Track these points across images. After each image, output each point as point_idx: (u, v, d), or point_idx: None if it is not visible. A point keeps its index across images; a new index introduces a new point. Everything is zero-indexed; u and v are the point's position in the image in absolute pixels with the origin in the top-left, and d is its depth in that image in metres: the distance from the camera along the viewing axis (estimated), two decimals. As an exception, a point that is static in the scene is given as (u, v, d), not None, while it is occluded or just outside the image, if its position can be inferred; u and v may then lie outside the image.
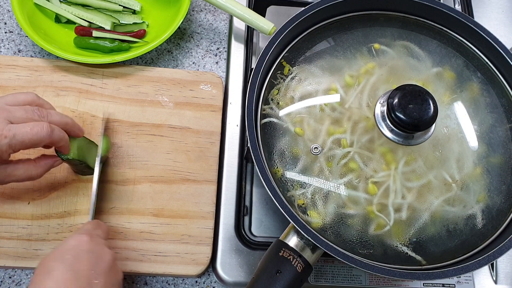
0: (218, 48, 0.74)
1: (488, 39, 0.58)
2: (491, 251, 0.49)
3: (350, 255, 0.48)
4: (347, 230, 0.51)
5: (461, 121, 0.55)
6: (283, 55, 0.59)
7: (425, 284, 0.61)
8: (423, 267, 0.51)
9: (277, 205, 0.49)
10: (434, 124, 0.51)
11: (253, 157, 0.51)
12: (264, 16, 0.69)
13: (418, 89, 0.50)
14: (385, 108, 0.51)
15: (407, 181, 0.52)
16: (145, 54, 0.70)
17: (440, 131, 0.53)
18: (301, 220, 0.49)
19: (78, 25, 0.71)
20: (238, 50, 0.72)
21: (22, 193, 0.61)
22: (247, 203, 0.64)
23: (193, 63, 0.73)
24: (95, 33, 0.69)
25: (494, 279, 0.62)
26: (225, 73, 0.72)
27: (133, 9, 0.73)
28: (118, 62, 0.68)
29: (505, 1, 0.81)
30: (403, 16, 0.61)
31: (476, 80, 0.58)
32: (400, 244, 0.51)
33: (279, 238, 0.50)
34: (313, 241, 0.48)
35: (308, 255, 0.49)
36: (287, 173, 0.53)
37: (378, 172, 0.52)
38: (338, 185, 0.52)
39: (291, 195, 0.52)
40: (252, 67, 0.66)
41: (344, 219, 0.52)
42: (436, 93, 0.53)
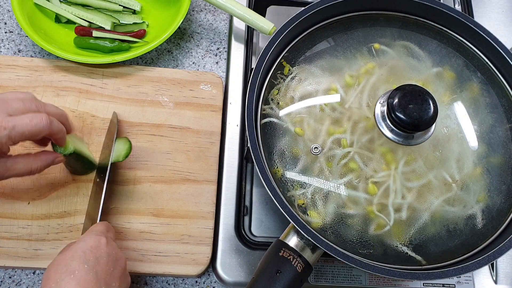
0: (218, 48, 0.74)
1: (488, 39, 0.58)
2: (491, 251, 0.49)
3: (350, 255, 0.48)
4: (347, 230, 0.51)
5: (461, 121, 0.55)
6: (283, 55, 0.59)
7: (425, 284, 0.61)
8: (423, 267, 0.51)
9: (277, 205, 0.49)
10: (434, 124, 0.51)
11: (253, 157, 0.51)
12: (264, 16, 0.69)
13: (418, 89, 0.50)
14: (385, 108, 0.51)
15: (407, 181, 0.52)
16: (145, 54, 0.70)
17: (440, 131, 0.53)
18: (301, 220, 0.49)
19: (78, 25, 0.71)
20: (238, 50, 0.72)
21: (22, 193, 0.61)
22: (247, 203, 0.64)
23: (193, 63, 0.73)
24: (95, 33, 0.69)
25: (494, 279, 0.62)
26: (225, 73, 0.72)
27: (133, 9, 0.73)
28: (118, 62, 0.68)
29: (505, 1, 0.81)
30: (403, 16, 0.61)
31: (476, 80, 0.58)
32: (400, 244, 0.51)
33: (279, 238, 0.50)
34: (313, 241, 0.48)
35: (308, 255, 0.49)
36: (287, 173, 0.53)
37: (378, 172, 0.52)
38: (338, 185, 0.52)
39: (291, 195, 0.52)
40: (252, 67, 0.66)
41: (344, 219, 0.52)
42: (436, 93, 0.53)
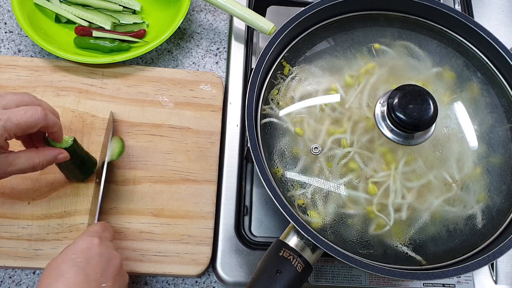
0: (218, 48, 0.74)
1: (488, 39, 0.58)
2: (491, 251, 0.49)
3: (350, 255, 0.48)
4: (347, 230, 0.51)
5: (461, 121, 0.55)
6: (283, 55, 0.59)
7: (425, 284, 0.61)
8: (423, 267, 0.51)
9: (277, 205, 0.49)
10: (434, 124, 0.51)
11: (253, 157, 0.51)
12: (264, 16, 0.69)
13: (418, 89, 0.50)
14: (385, 108, 0.51)
15: (407, 181, 0.52)
16: (145, 54, 0.70)
17: (440, 131, 0.53)
18: (301, 220, 0.49)
19: (78, 25, 0.71)
20: (238, 50, 0.72)
21: (22, 193, 0.61)
22: (247, 203, 0.64)
23: (193, 63, 0.73)
24: (95, 33, 0.69)
25: (494, 279, 0.62)
26: (225, 73, 0.72)
27: (133, 9, 0.73)
28: (118, 62, 0.68)
29: (505, 1, 0.81)
30: (403, 16, 0.61)
31: (476, 80, 0.58)
32: (400, 244, 0.51)
33: (279, 238, 0.50)
34: (313, 241, 0.48)
35: (308, 255, 0.49)
36: (287, 173, 0.53)
37: (378, 172, 0.52)
38: (338, 185, 0.52)
39: (291, 195, 0.52)
40: (252, 67, 0.66)
41: (344, 219, 0.52)
42: (436, 93, 0.53)
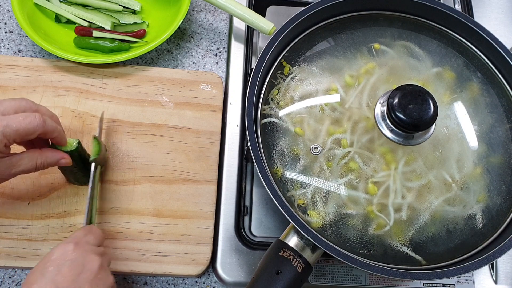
0: (218, 48, 0.74)
1: (488, 39, 0.58)
2: (491, 251, 0.49)
3: (350, 255, 0.48)
4: (347, 230, 0.51)
5: (461, 121, 0.55)
6: (283, 55, 0.59)
7: (425, 284, 0.61)
8: (423, 267, 0.51)
9: (277, 205, 0.49)
10: (434, 124, 0.51)
11: (253, 157, 0.51)
12: (264, 16, 0.69)
13: (418, 89, 0.50)
14: (385, 108, 0.51)
15: (407, 181, 0.52)
16: (145, 54, 0.70)
17: (440, 131, 0.53)
18: (301, 220, 0.49)
19: (78, 25, 0.71)
20: (238, 50, 0.72)
21: (22, 193, 0.61)
22: (247, 203, 0.64)
23: (193, 63, 0.73)
24: (95, 33, 0.69)
25: (494, 279, 0.62)
26: (225, 73, 0.72)
27: (133, 9, 0.73)
28: (118, 62, 0.68)
29: (505, 1, 0.81)
30: (403, 16, 0.61)
31: (476, 80, 0.58)
32: (400, 244, 0.51)
33: (279, 238, 0.50)
34: (313, 241, 0.48)
35: (308, 255, 0.49)
36: (287, 173, 0.53)
37: (378, 172, 0.52)
38: (338, 185, 0.52)
39: (291, 195, 0.52)
40: (252, 67, 0.66)
41: (344, 219, 0.52)
42: (436, 93, 0.53)
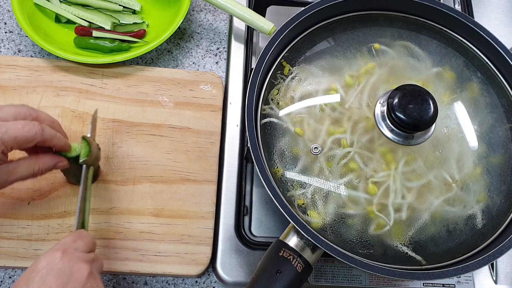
0: (218, 48, 0.74)
1: (488, 39, 0.58)
2: (491, 251, 0.49)
3: (350, 255, 0.48)
4: (347, 230, 0.51)
5: (461, 121, 0.55)
6: (283, 55, 0.59)
7: (425, 284, 0.61)
8: (423, 267, 0.51)
9: (277, 205, 0.49)
10: (434, 124, 0.51)
11: (253, 157, 0.51)
12: (264, 16, 0.69)
13: (418, 89, 0.50)
14: (385, 108, 0.51)
15: (407, 181, 0.52)
16: (145, 54, 0.70)
17: (440, 131, 0.53)
18: (301, 220, 0.49)
19: (78, 25, 0.71)
20: (238, 50, 0.72)
21: (22, 193, 0.61)
22: (247, 203, 0.64)
23: (193, 63, 0.73)
24: (95, 33, 0.69)
25: (494, 279, 0.62)
26: (225, 73, 0.72)
27: (133, 9, 0.73)
28: (118, 62, 0.68)
29: (505, 1, 0.81)
30: (403, 16, 0.61)
31: (476, 80, 0.58)
32: (400, 244, 0.51)
33: (279, 238, 0.50)
34: (313, 241, 0.48)
35: (308, 255, 0.49)
36: (287, 173, 0.53)
37: (378, 172, 0.52)
38: (338, 185, 0.52)
39: (291, 195, 0.52)
40: (252, 67, 0.65)
41: (344, 219, 0.52)
42: (436, 93, 0.53)
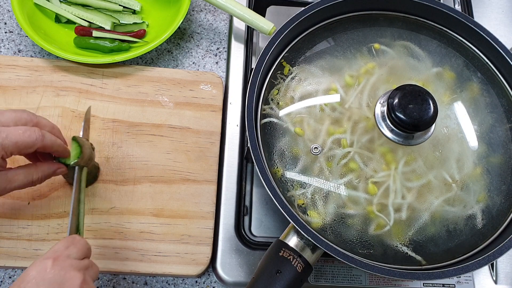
0: (218, 48, 0.74)
1: (488, 39, 0.58)
2: (491, 251, 0.49)
3: (350, 255, 0.48)
4: (347, 230, 0.51)
5: (461, 121, 0.55)
6: (283, 55, 0.59)
7: (425, 284, 0.61)
8: (423, 267, 0.51)
9: (277, 205, 0.49)
10: (434, 124, 0.51)
11: (253, 157, 0.51)
12: (264, 16, 0.69)
13: (418, 89, 0.50)
14: (385, 108, 0.51)
15: (407, 181, 0.52)
16: (145, 54, 0.70)
17: (440, 131, 0.53)
18: (301, 220, 0.49)
19: (78, 25, 0.71)
20: (238, 50, 0.72)
21: (22, 193, 0.61)
22: (247, 203, 0.64)
23: (193, 63, 0.73)
24: (95, 33, 0.69)
25: (494, 279, 0.62)
26: (225, 73, 0.72)
27: (133, 9, 0.73)
28: (118, 62, 0.68)
29: (505, 1, 0.81)
30: (403, 16, 0.61)
31: (476, 80, 0.58)
32: (400, 244, 0.51)
33: (279, 238, 0.50)
34: (313, 241, 0.48)
35: (308, 255, 0.49)
36: (287, 173, 0.53)
37: (378, 172, 0.52)
38: (338, 185, 0.52)
39: (291, 195, 0.52)
40: (252, 67, 0.66)
41: (344, 219, 0.52)
42: (436, 93, 0.53)
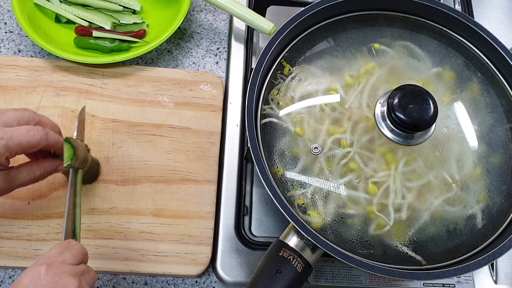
0: (218, 48, 0.74)
1: (488, 39, 0.58)
2: (491, 251, 0.49)
3: (350, 255, 0.48)
4: (347, 230, 0.51)
5: (461, 121, 0.55)
6: (283, 55, 0.59)
7: (425, 284, 0.61)
8: (423, 267, 0.51)
9: (277, 205, 0.49)
10: (434, 124, 0.51)
11: (253, 157, 0.51)
12: (264, 16, 0.69)
13: (418, 89, 0.50)
14: (385, 108, 0.51)
15: (407, 181, 0.52)
16: (145, 54, 0.70)
17: (440, 131, 0.53)
18: (301, 220, 0.49)
19: (78, 25, 0.71)
20: (238, 50, 0.72)
21: (22, 193, 0.61)
22: (247, 203, 0.64)
23: (193, 63, 0.73)
24: (95, 33, 0.69)
25: (494, 279, 0.62)
26: (225, 73, 0.72)
27: (133, 9, 0.73)
28: (118, 62, 0.68)
29: (505, 1, 0.81)
30: (403, 16, 0.61)
31: (476, 80, 0.58)
32: (400, 244, 0.51)
33: (279, 238, 0.50)
34: (313, 241, 0.48)
35: (308, 255, 0.49)
36: (287, 173, 0.53)
37: (378, 172, 0.52)
38: (338, 185, 0.52)
39: (291, 195, 0.52)
40: (252, 67, 0.65)
41: (344, 219, 0.52)
42: (436, 93, 0.53)
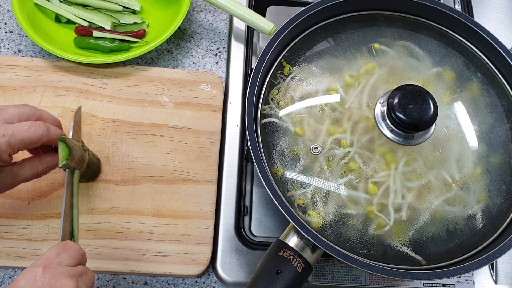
0: (218, 48, 0.74)
1: (488, 39, 0.58)
2: (491, 251, 0.49)
3: (350, 255, 0.48)
4: (347, 230, 0.51)
5: (461, 121, 0.55)
6: (283, 55, 0.59)
7: (425, 284, 0.61)
8: (423, 267, 0.51)
9: (277, 205, 0.49)
10: (434, 124, 0.51)
11: (253, 157, 0.51)
12: (264, 16, 0.69)
13: (418, 89, 0.50)
14: (385, 108, 0.51)
15: (407, 181, 0.52)
16: (145, 54, 0.70)
17: (440, 131, 0.53)
18: (301, 220, 0.49)
19: (78, 25, 0.71)
20: (238, 50, 0.72)
21: (22, 193, 0.61)
22: (247, 203, 0.64)
23: (193, 63, 0.73)
24: (95, 33, 0.69)
25: (494, 279, 0.62)
26: (225, 73, 0.72)
27: (133, 9, 0.73)
28: (118, 62, 0.68)
29: (505, 1, 0.81)
30: (403, 16, 0.61)
31: (476, 80, 0.58)
32: (400, 244, 0.51)
33: (279, 238, 0.50)
34: (313, 241, 0.48)
35: (308, 255, 0.49)
36: (287, 173, 0.53)
37: (378, 172, 0.52)
38: (338, 185, 0.52)
39: (291, 195, 0.52)
40: (252, 67, 0.65)
41: (344, 219, 0.52)
42: (436, 93, 0.53)
